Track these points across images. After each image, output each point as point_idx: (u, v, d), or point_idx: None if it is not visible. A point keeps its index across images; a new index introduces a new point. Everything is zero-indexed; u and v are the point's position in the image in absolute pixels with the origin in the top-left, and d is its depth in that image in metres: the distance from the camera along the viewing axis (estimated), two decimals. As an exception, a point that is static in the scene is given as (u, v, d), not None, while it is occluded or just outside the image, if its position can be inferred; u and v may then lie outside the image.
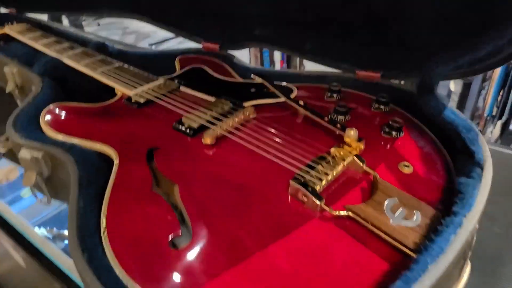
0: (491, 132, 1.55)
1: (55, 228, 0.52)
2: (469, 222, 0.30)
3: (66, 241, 0.51)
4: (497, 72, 1.40)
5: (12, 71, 0.64)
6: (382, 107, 0.49)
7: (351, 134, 0.40)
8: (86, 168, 0.40)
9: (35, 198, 0.45)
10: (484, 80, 1.43)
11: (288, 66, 1.68)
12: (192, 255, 0.31)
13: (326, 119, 0.43)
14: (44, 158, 0.42)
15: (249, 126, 0.46)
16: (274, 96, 0.51)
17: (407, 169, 0.40)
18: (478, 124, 1.50)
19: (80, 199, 0.37)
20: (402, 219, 0.33)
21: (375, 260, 0.30)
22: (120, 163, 0.41)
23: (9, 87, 0.66)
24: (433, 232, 0.31)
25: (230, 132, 0.45)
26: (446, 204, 0.34)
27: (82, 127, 0.47)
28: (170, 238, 0.32)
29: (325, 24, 0.57)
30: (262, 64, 1.69)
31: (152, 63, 0.71)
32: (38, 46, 0.72)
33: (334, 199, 0.36)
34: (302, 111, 0.47)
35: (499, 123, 1.53)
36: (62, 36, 0.80)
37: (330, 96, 0.52)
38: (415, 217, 0.33)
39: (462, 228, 0.29)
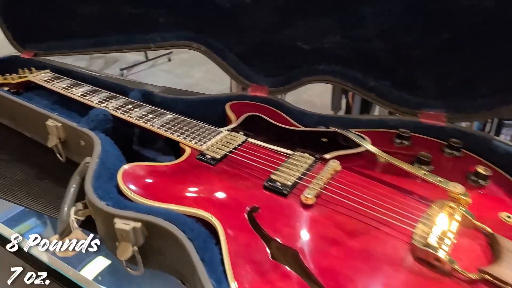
0: None
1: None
2: None
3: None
4: None
5: (56, 125, 0.61)
6: (455, 152, 0.51)
7: (458, 189, 0.41)
8: (195, 236, 0.39)
9: (126, 270, 0.42)
10: None
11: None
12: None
13: (423, 172, 0.44)
14: (141, 228, 0.40)
15: (340, 181, 0.46)
16: (351, 146, 0.52)
17: (510, 220, 0.41)
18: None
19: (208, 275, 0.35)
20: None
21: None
22: (226, 231, 0.40)
23: (52, 142, 0.63)
24: None
25: (325, 189, 0.44)
26: None
27: (169, 190, 0.45)
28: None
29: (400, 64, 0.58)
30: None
31: (196, 109, 0.70)
32: (75, 96, 0.70)
33: (460, 259, 0.36)
34: (384, 160, 0.48)
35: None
36: (86, 81, 0.77)
37: (400, 142, 0.53)
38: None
39: None
